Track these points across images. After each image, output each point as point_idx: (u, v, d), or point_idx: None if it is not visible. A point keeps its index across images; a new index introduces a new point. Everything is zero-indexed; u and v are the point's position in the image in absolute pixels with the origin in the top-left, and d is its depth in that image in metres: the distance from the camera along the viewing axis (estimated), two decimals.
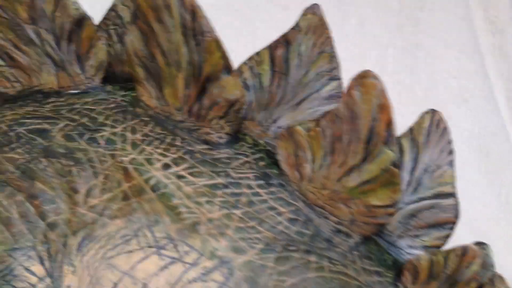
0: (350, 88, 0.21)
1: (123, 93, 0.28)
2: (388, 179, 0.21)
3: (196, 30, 0.23)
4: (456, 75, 0.69)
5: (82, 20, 0.27)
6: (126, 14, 0.33)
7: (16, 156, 0.26)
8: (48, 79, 0.29)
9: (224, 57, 0.23)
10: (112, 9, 0.33)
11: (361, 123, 0.21)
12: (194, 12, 0.22)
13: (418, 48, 0.71)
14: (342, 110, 0.21)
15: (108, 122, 0.26)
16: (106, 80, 0.29)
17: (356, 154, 0.22)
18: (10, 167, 0.25)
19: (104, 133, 0.26)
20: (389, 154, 0.21)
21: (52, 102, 0.28)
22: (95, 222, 0.24)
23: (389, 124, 0.21)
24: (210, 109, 0.24)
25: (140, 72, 0.26)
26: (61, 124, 0.26)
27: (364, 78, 0.20)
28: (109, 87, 0.28)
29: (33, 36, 0.28)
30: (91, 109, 0.27)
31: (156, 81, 0.26)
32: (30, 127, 0.27)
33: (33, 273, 0.24)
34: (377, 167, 0.21)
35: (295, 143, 0.23)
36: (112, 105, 0.27)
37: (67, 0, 0.27)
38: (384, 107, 0.20)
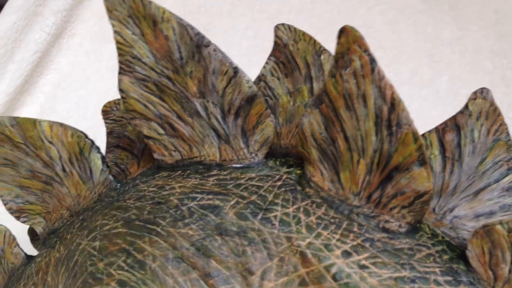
0: None
1: (286, 169, 0.28)
2: None
3: (392, 121, 0.23)
4: None
5: (253, 97, 0.28)
6: (276, 85, 0.33)
7: (190, 232, 0.26)
8: (210, 151, 0.29)
9: (420, 149, 0.23)
10: (260, 79, 0.34)
11: None
12: (394, 105, 0.22)
13: (510, 109, 0.70)
14: None
15: (278, 201, 0.26)
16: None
17: None
18: (185, 243, 0.26)
19: (276, 213, 0.26)
20: None
21: (215, 175, 0.28)
22: None
23: None
24: (393, 197, 0.24)
25: (315, 154, 0.26)
26: (232, 201, 0.26)
27: None
28: (271, 162, 0.29)
29: (199, 108, 0.29)
30: (258, 186, 0.27)
31: (331, 164, 0.26)
32: (201, 203, 0.27)
33: None
34: None
35: (492, 242, 0.22)
36: (279, 183, 0.27)
37: (241, 78, 0.27)
38: None
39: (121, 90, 0.30)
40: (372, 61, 0.22)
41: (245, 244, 0.25)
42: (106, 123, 0.38)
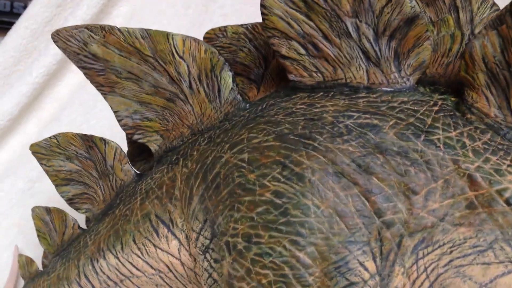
0: None
1: (439, 96, 0.27)
2: None
3: None
4: None
5: (414, 18, 0.27)
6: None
7: (351, 149, 0.25)
8: (357, 73, 0.29)
9: None
10: None
11: None
12: None
13: None
14: None
15: (438, 125, 0.26)
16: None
17: None
18: (345, 159, 0.25)
19: (439, 136, 0.25)
20: None
21: (365, 97, 0.28)
22: (434, 227, 0.24)
23: None
24: None
25: (482, 79, 0.25)
26: (391, 122, 0.26)
27: None
28: (421, 89, 0.28)
29: (350, 29, 0.28)
30: (413, 109, 0.27)
31: (501, 90, 0.25)
32: (358, 121, 0.26)
33: (366, 269, 0.24)
34: None
35: None
36: (435, 108, 0.26)
37: None
38: None
39: (263, 6, 0.29)
40: None
41: (408, 164, 0.25)
42: None
